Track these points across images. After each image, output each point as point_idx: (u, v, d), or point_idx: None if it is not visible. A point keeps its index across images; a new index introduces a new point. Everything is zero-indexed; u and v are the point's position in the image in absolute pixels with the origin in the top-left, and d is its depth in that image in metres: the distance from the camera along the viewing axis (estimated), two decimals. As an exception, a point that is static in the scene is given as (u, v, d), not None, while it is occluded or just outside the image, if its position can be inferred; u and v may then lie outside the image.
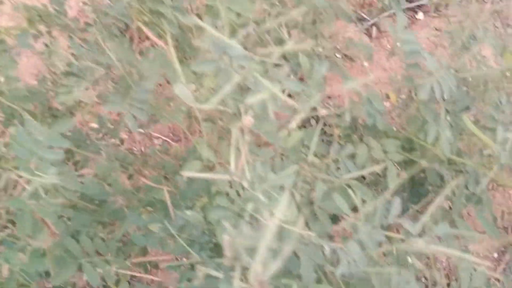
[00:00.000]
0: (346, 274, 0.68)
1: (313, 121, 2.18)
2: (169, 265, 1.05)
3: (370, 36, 2.70)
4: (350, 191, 0.92)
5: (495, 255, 2.21)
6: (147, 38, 1.60)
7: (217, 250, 1.10)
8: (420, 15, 2.69)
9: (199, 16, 1.28)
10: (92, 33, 1.26)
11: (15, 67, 1.24)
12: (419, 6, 2.71)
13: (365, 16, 2.72)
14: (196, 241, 1.06)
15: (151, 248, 1.24)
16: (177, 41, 1.11)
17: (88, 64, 0.99)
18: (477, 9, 1.51)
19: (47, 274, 1.28)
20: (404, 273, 0.68)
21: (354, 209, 0.92)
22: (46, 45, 1.78)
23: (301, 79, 1.23)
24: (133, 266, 1.13)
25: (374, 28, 2.71)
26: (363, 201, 0.90)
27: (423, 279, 1.38)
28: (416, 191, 1.44)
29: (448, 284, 1.51)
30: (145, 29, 0.92)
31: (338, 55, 2.25)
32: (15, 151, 0.87)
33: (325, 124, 1.73)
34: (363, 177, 1.31)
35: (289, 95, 1.10)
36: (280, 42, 1.49)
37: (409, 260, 0.71)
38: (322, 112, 0.91)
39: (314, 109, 1.08)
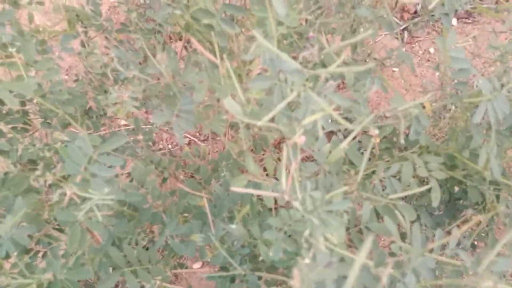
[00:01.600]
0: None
1: (370, 141, 2.17)
2: (210, 276, 1.05)
3: (402, 40, 2.66)
4: (397, 212, 0.91)
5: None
6: (188, 42, 1.60)
7: (256, 262, 1.10)
8: (453, 21, 2.64)
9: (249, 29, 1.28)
10: (135, 38, 1.26)
11: (59, 72, 1.25)
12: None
13: (397, 20, 2.69)
14: (237, 252, 1.07)
15: (188, 257, 1.24)
16: (219, 51, 1.11)
17: (135, 73, 0.99)
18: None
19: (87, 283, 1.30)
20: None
21: (401, 231, 0.91)
22: (83, 45, 1.80)
23: (338, 86, 1.22)
24: (172, 275, 1.13)
25: (405, 33, 2.67)
26: (411, 223, 0.89)
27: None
28: (453, 205, 1.42)
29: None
30: (194, 40, 0.91)
31: (367, 60, 2.23)
32: (67, 167, 0.88)
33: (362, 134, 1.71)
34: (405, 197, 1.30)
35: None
36: (319, 50, 1.47)
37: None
38: (374, 132, 0.89)
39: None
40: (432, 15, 1.15)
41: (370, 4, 1.61)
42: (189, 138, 2.55)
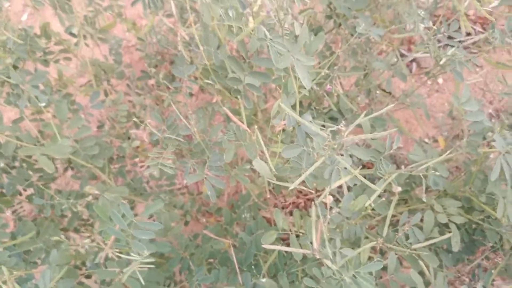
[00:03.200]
0: None
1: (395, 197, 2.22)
2: (241, 326, 1.09)
3: (410, 72, 2.72)
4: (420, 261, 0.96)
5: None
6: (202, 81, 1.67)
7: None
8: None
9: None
10: (163, 96, 1.33)
11: (90, 129, 1.31)
12: (460, 41, 2.73)
13: (404, 52, 2.76)
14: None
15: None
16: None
17: (170, 136, 1.05)
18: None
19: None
20: None
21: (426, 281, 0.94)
22: (106, 94, 1.87)
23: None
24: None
25: (414, 64, 2.74)
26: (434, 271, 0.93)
27: None
28: (471, 242, 1.45)
29: None
30: (226, 110, 0.97)
31: (377, 92, 2.29)
32: (110, 232, 0.92)
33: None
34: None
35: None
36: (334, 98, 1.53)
37: None
38: (397, 189, 0.95)
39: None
40: (443, 71, 1.21)
41: (380, 48, 1.68)
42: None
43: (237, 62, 1.02)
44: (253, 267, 1.22)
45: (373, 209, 1.19)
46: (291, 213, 2.15)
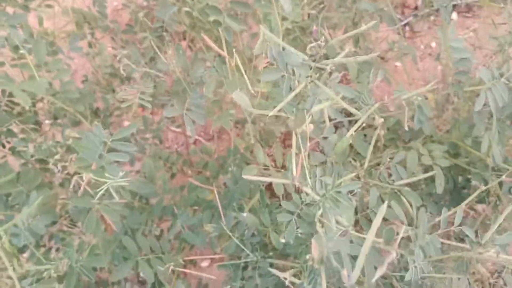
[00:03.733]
0: (412, 281, 0.71)
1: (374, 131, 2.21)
2: (222, 265, 1.08)
3: (403, 35, 2.69)
4: (403, 197, 0.94)
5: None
6: (191, 41, 1.64)
7: (267, 251, 1.13)
8: (453, 15, 2.67)
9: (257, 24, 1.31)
10: (143, 37, 1.29)
11: (69, 72, 1.28)
12: (453, 6, 2.69)
13: (398, 16, 2.72)
14: (248, 241, 1.10)
15: (200, 247, 1.27)
16: (226, 47, 1.14)
17: (146, 70, 1.03)
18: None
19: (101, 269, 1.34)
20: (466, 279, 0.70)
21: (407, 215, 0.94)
22: (90, 46, 1.83)
23: (341, 81, 1.25)
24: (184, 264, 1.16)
25: (407, 28, 2.70)
26: (417, 208, 0.92)
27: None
28: (457, 195, 1.44)
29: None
30: (204, 36, 0.94)
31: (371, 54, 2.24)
32: (84, 154, 0.91)
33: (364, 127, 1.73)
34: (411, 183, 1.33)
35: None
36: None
37: (477, 268, 0.73)
38: (379, 121, 0.93)
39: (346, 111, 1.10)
40: (432, 6, 1.18)
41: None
42: (195, 137, 2.58)
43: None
44: (237, 210, 1.21)
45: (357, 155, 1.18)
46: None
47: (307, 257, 0.65)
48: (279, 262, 1.03)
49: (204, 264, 1.97)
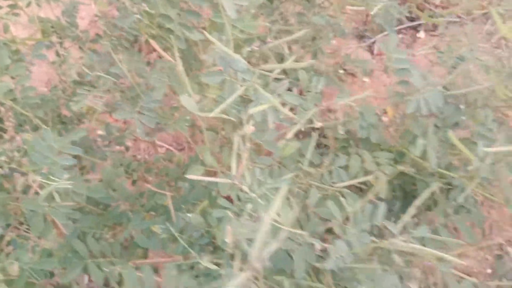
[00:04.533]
0: (336, 270, 0.75)
1: (314, 134, 2.25)
2: (168, 264, 1.10)
3: (372, 53, 2.78)
4: (341, 198, 0.98)
5: (489, 271, 2.24)
6: (154, 50, 1.68)
7: (216, 251, 1.16)
8: (421, 34, 2.77)
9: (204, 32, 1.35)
10: (104, 44, 1.33)
11: (29, 77, 1.31)
12: (420, 25, 2.80)
13: (367, 34, 2.81)
14: (196, 242, 1.12)
15: (153, 250, 1.29)
16: (183, 54, 1.19)
17: (99, 74, 1.06)
18: (472, 30, 1.58)
19: (52, 274, 1.34)
20: (388, 270, 0.74)
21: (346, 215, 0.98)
22: (58, 55, 1.86)
23: (301, 93, 1.30)
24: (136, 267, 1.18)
25: (375, 46, 2.79)
26: (354, 208, 0.96)
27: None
28: (408, 202, 1.49)
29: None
30: (153, 42, 0.99)
31: (340, 71, 2.32)
32: (31, 157, 0.93)
33: (324, 136, 1.78)
34: (360, 189, 1.37)
35: (291, 109, 1.17)
36: (281, 57, 1.57)
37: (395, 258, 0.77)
38: (318, 124, 0.97)
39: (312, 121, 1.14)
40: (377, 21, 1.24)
41: (332, 15, 1.71)
42: (166, 147, 2.61)
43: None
44: (185, 212, 1.23)
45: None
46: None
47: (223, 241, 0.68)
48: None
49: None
